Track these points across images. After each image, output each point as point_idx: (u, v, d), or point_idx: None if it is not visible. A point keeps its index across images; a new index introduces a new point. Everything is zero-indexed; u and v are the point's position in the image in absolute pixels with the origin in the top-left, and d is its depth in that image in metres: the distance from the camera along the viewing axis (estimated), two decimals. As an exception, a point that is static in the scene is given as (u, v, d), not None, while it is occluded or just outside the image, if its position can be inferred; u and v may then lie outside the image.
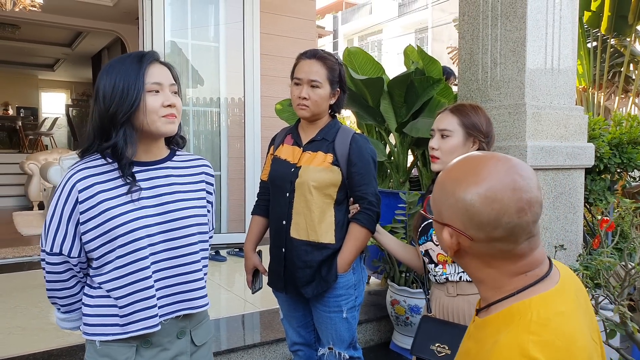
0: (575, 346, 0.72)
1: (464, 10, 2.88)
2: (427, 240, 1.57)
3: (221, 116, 4.55)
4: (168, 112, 1.18)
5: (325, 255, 1.65)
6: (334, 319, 1.70)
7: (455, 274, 1.52)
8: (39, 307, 2.81)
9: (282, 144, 1.77)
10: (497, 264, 0.80)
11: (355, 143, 1.66)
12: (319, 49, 1.74)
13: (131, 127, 1.16)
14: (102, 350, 1.17)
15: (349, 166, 1.64)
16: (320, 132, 1.69)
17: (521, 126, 2.54)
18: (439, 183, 0.83)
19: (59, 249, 1.15)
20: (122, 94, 1.13)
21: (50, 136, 10.47)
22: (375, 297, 3.00)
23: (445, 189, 0.81)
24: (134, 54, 1.19)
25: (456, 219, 0.79)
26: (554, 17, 2.68)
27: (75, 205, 1.14)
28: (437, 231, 0.86)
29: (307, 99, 1.63)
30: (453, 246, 0.81)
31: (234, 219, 4.47)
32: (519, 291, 0.78)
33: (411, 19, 22.27)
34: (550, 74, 2.70)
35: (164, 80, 1.18)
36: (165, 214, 1.20)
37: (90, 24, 6.91)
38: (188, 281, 1.24)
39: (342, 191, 1.67)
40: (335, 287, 1.67)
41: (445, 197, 0.81)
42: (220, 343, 2.33)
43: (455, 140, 1.53)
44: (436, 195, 0.84)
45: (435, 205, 0.84)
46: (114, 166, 1.17)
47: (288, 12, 4.89)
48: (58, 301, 1.22)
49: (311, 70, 1.64)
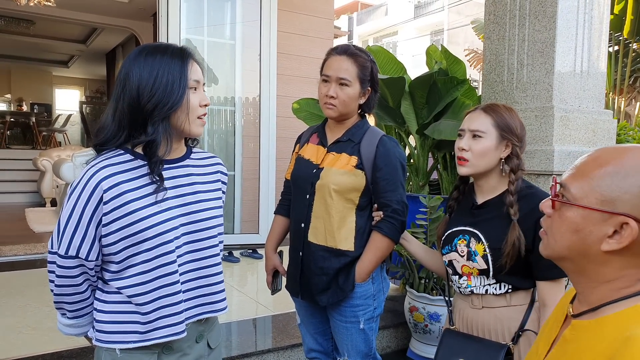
0: None
1: (490, 10, 2.80)
2: (451, 250, 1.47)
3: (236, 115, 4.50)
4: (203, 112, 1.14)
5: (343, 262, 1.57)
6: (350, 330, 1.62)
7: (481, 287, 1.41)
8: (50, 307, 2.77)
9: (308, 143, 1.69)
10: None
11: (383, 146, 1.56)
12: (350, 44, 1.65)
13: (169, 124, 1.09)
14: (123, 358, 1.11)
15: (374, 171, 1.55)
16: (347, 133, 1.61)
17: (548, 130, 2.45)
18: (609, 170, 0.75)
19: (76, 252, 1.06)
20: (167, 87, 1.06)
21: (64, 133, 10.54)
22: (392, 302, 2.92)
23: (626, 175, 0.74)
24: (172, 46, 1.12)
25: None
26: (585, 17, 2.59)
27: (98, 205, 1.05)
28: (578, 219, 0.78)
29: (334, 98, 1.55)
30: (625, 241, 0.74)
31: (248, 220, 4.42)
32: None
33: (427, 21, 22.15)
34: (580, 76, 2.60)
35: (201, 79, 1.14)
36: (189, 215, 1.14)
37: (105, 20, 6.93)
38: (211, 284, 1.19)
39: (366, 196, 1.58)
40: (352, 296, 1.59)
41: (624, 183, 0.74)
42: (233, 348, 2.27)
43: (488, 142, 1.40)
44: (607, 182, 0.76)
45: (604, 193, 0.76)
46: (138, 163, 1.10)
47: (306, 10, 4.83)
48: (67, 307, 1.13)
49: (340, 68, 1.55)
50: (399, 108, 2.80)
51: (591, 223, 0.77)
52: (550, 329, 0.91)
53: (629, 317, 0.72)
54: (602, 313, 0.77)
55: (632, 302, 0.74)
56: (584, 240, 0.78)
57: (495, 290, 1.40)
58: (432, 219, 2.48)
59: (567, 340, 0.81)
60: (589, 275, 0.80)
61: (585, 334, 0.78)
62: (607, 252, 0.75)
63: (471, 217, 1.45)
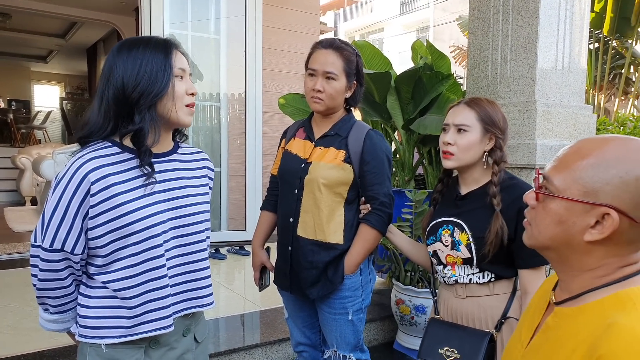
0: None
1: (474, 5, 2.83)
2: (435, 241, 1.50)
3: (221, 111, 4.46)
4: (191, 101, 1.13)
5: (332, 255, 1.58)
6: (339, 321, 1.64)
7: (464, 276, 1.45)
8: (31, 306, 2.72)
9: (294, 138, 1.69)
10: (625, 252, 0.77)
11: (370, 140, 1.58)
12: (336, 38, 1.66)
13: (155, 112, 1.09)
14: (108, 353, 1.09)
15: (362, 164, 1.57)
16: (334, 127, 1.62)
17: (531, 124, 2.49)
18: (591, 162, 0.77)
19: (61, 245, 1.05)
20: (151, 76, 1.06)
21: (44, 130, 10.32)
22: (379, 296, 2.94)
23: (607, 166, 0.75)
24: (154, 38, 1.13)
25: (621, 200, 0.73)
26: (566, 13, 2.63)
27: (85, 197, 1.03)
28: (561, 210, 0.80)
29: (321, 92, 1.55)
30: (606, 231, 0.75)
31: (234, 217, 4.40)
32: (624, 278, 0.75)
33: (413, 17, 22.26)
34: (561, 72, 2.65)
35: (186, 68, 1.14)
36: (176, 209, 1.13)
37: (85, 14, 6.78)
38: (198, 278, 1.19)
39: (354, 190, 1.60)
40: (341, 288, 1.60)
41: (606, 175, 0.75)
42: (221, 343, 2.26)
43: (473, 136, 1.43)
44: (589, 174, 0.77)
45: (586, 185, 0.77)
46: (126, 156, 1.09)
47: (292, 5, 4.81)
48: (50, 302, 1.11)
49: (327, 61, 1.55)
50: (385, 103, 2.82)
51: (574, 214, 0.78)
52: (532, 316, 0.93)
53: (610, 304, 0.74)
54: (584, 300, 0.79)
55: (613, 289, 0.76)
56: (567, 231, 0.79)
57: (478, 279, 1.43)
58: (417, 212, 2.50)
59: (550, 327, 0.83)
60: (572, 264, 0.82)
61: (568, 321, 0.80)
62: (589, 242, 0.77)
63: (455, 208, 1.48)
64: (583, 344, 0.73)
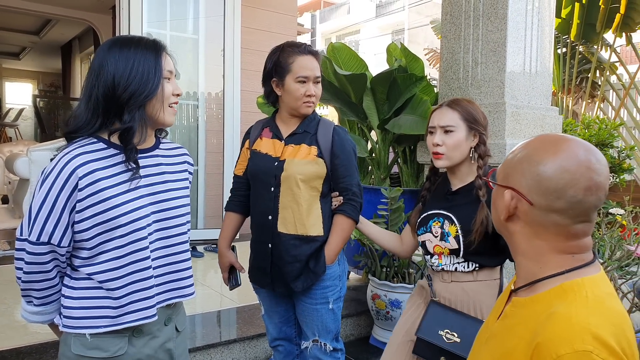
0: (627, 325, 0.76)
1: (446, 10, 2.92)
2: (426, 232, 1.60)
3: (199, 110, 4.47)
4: (175, 101, 1.19)
5: (314, 248, 1.65)
6: (320, 311, 1.70)
7: (450, 265, 1.55)
8: (5, 304, 2.69)
9: (261, 138, 1.75)
10: (548, 237, 0.83)
11: (338, 135, 1.68)
12: (306, 43, 1.74)
13: (144, 112, 1.13)
14: (92, 343, 1.12)
15: (333, 158, 1.66)
16: (302, 125, 1.69)
17: (501, 124, 2.60)
18: (516, 151, 0.87)
19: (48, 238, 1.08)
20: (142, 77, 1.11)
21: (15, 128, 10.05)
22: (355, 292, 3.01)
23: (522, 154, 0.85)
24: (145, 38, 1.18)
25: (523, 183, 0.82)
26: (533, 19, 2.76)
27: (73, 192, 1.07)
28: (496, 197, 0.89)
29: (314, 96, 1.65)
30: (510, 208, 0.84)
31: (211, 215, 4.41)
32: (568, 271, 0.82)
33: (388, 20, 22.51)
34: (529, 75, 2.77)
35: (173, 69, 1.19)
36: (159, 203, 1.18)
37: (60, 11, 6.65)
38: (179, 269, 1.23)
39: (327, 183, 1.68)
40: (322, 278, 1.67)
41: (519, 161, 0.84)
42: (198, 339, 2.29)
43: (460, 135, 1.53)
44: (509, 160, 0.87)
45: (505, 169, 0.87)
46: (112, 151, 1.13)
47: (269, 6, 4.86)
48: (34, 294, 1.14)
49: (315, 67, 1.65)
50: (361, 103, 2.89)
51: (497, 197, 0.89)
52: (498, 304, 1.00)
53: (555, 295, 0.81)
54: (535, 291, 0.85)
55: (559, 280, 0.83)
56: (496, 213, 0.90)
57: (463, 268, 1.54)
58: (392, 209, 2.58)
59: (507, 315, 0.90)
60: (511, 248, 0.91)
61: (521, 310, 0.87)
62: (507, 221, 0.87)
63: (446, 202, 1.59)
64: (528, 332, 0.79)
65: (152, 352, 1.19)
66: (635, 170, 5.41)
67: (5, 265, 3.49)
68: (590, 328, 0.72)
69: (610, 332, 0.72)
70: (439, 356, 1.51)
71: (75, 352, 1.12)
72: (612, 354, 0.70)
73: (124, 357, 1.14)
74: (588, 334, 0.71)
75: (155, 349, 1.19)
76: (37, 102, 10.01)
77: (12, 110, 10.41)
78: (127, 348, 1.14)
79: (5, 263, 3.54)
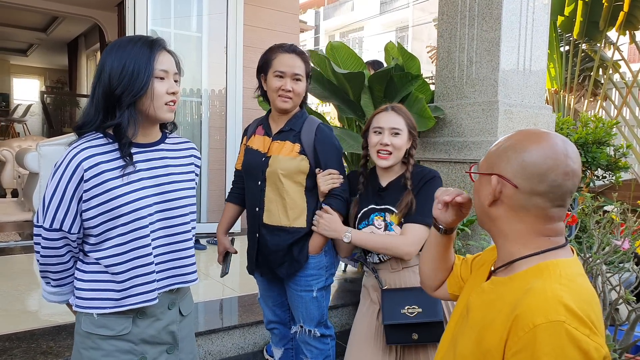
0: (595, 302, 0.86)
1: (443, 10, 3.00)
2: (368, 225, 1.74)
3: (202, 107, 4.57)
4: (171, 99, 1.23)
5: (295, 237, 1.75)
6: (304, 298, 1.80)
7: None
8: (19, 291, 2.81)
9: (254, 135, 1.85)
10: (529, 219, 0.93)
11: (320, 133, 1.76)
12: (292, 44, 1.82)
13: (135, 110, 1.20)
14: (100, 321, 1.22)
15: (316, 154, 1.74)
16: (288, 123, 1.78)
17: (494, 122, 2.67)
18: (500, 143, 0.97)
19: (59, 225, 1.17)
20: (132, 76, 1.17)
21: (23, 123, 10.21)
22: (351, 284, 3.11)
23: (507, 144, 0.94)
24: (143, 38, 1.23)
25: (508, 169, 0.92)
26: (527, 19, 2.82)
27: (80, 183, 1.16)
28: (479, 186, 0.99)
29: (291, 92, 1.71)
30: (496, 193, 0.94)
31: (214, 209, 4.51)
32: (544, 251, 0.92)
33: (392, 17, 22.46)
34: (522, 73, 2.84)
35: (170, 69, 1.24)
36: (162, 194, 1.26)
37: (66, 9, 6.76)
38: (181, 257, 1.31)
39: (311, 178, 1.76)
40: (306, 267, 1.78)
41: (504, 150, 0.94)
42: (200, 325, 2.38)
43: (404, 138, 1.73)
44: (493, 151, 0.97)
45: (488, 160, 0.97)
46: (115, 146, 1.21)
47: (271, 5, 4.94)
48: (51, 275, 1.24)
49: (295, 65, 1.72)
50: (359, 101, 2.97)
51: (482, 185, 0.98)
52: (475, 279, 1.10)
53: (532, 274, 0.91)
54: (514, 271, 0.95)
55: (536, 260, 0.92)
56: (479, 200, 0.99)
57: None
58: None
59: (485, 291, 1.00)
60: (494, 233, 0.99)
61: (501, 287, 0.96)
62: (491, 206, 0.96)
63: (380, 198, 1.76)
64: (507, 305, 0.89)
65: (155, 332, 1.27)
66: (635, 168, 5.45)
67: (17, 255, 3.61)
68: (563, 301, 0.81)
69: (580, 306, 0.82)
70: (410, 335, 1.64)
71: (85, 330, 1.23)
72: (582, 323, 0.80)
73: (129, 336, 1.23)
74: (561, 306, 0.81)
75: (159, 330, 1.28)
76: (45, 98, 10.14)
77: (20, 106, 10.57)
78: (131, 328, 1.23)
79: (17, 253, 3.66)
